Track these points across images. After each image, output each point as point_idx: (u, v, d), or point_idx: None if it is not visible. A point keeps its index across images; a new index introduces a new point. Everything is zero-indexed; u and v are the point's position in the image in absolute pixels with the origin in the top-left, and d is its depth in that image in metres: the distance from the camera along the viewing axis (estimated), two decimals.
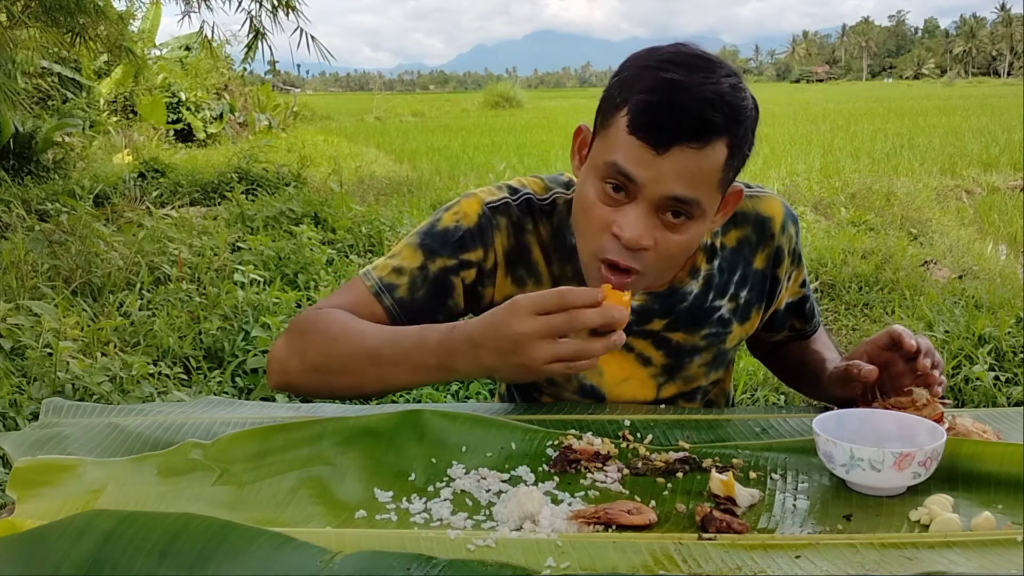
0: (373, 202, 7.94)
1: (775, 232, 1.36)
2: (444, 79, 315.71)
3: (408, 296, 1.28)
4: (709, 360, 1.41)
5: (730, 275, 1.36)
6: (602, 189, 1.15)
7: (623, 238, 1.14)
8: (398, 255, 1.31)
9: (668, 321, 1.35)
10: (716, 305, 1.36)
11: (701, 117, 1.09)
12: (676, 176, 1.11)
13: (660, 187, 1.11)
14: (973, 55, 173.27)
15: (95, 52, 8.63)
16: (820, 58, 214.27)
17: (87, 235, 5.49)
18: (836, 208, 8.04)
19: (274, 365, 1.25)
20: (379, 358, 1.16)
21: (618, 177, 1.13)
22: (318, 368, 1.21)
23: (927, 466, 1.00)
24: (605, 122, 1.17)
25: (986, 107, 23.48)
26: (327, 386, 1.22)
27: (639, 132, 1.11)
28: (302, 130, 19.68)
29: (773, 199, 1.38)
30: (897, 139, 14.54)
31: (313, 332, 1.22)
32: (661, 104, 1.10)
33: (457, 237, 1.30)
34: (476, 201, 1.32)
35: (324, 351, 1.20)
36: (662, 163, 1.10)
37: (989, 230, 7.70)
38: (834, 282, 5.47)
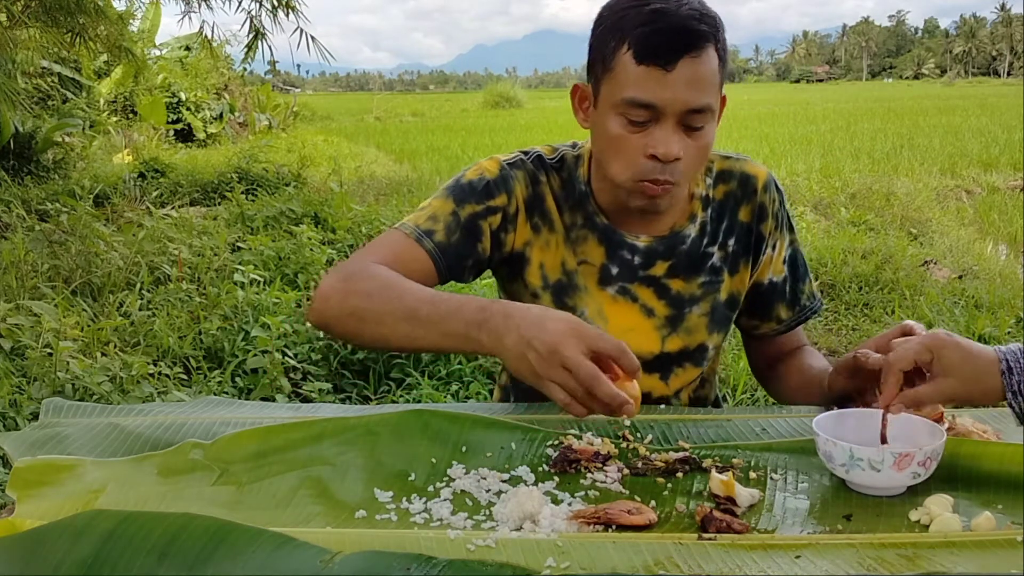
0: (373, 202, 7.94)
1: (757, 188, 1.47)
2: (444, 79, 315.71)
3: (445, 240, 1.37)
4: (708, 311, 1.46)
5: (719, 223, 1.46)
6: (625, 122, 1.28)
7: (660, 154, 1.26)
8: (428, 207, 1.41)
9: (669, 265, 1.44)
10: (709, 251, 1.46)
11: (693, 30, 1.24)
12: (687, 86, 1.24)
13: (677, 102, 1.24)
14: (973, 55, 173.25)
15: (95, 52, 8.63)
16: (820, 58, 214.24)
17: (87, 235, 5.48)
18: (836, 208, 8.04)
19: (318, 302, 1.29)
20: (414, 316, 1.20)
21: (638, 107, 1.25)
22: (355, 314, 1.25)
23: (927, 466, 1.01)
24: (607, 67, 1.29)
25: (986, 107, 23.48)
26: (358, 333, 1.27)
27: (647, 58, 1.24)
28: (302, 130, 19.67)
29: (759, 166, 1.50)
30: (897, 139, 14.54)
31: (360, 279, 1.27)
32: (659, 29, 1.24)
33: (483, 186, 1.41)
34: (494, 161, 1.45)
35: (365, 299, 1.24)
36: (673, 79, 1.23)
37: (989, 230, 7.70)
38: (834, 282, 5.47)
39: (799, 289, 1.52)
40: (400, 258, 1.33)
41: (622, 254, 1.43)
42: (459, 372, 3.70)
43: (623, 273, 1.43)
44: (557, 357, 1.06)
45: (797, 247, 1.53)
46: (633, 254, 1.43)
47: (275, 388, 3.43)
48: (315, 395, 3.47)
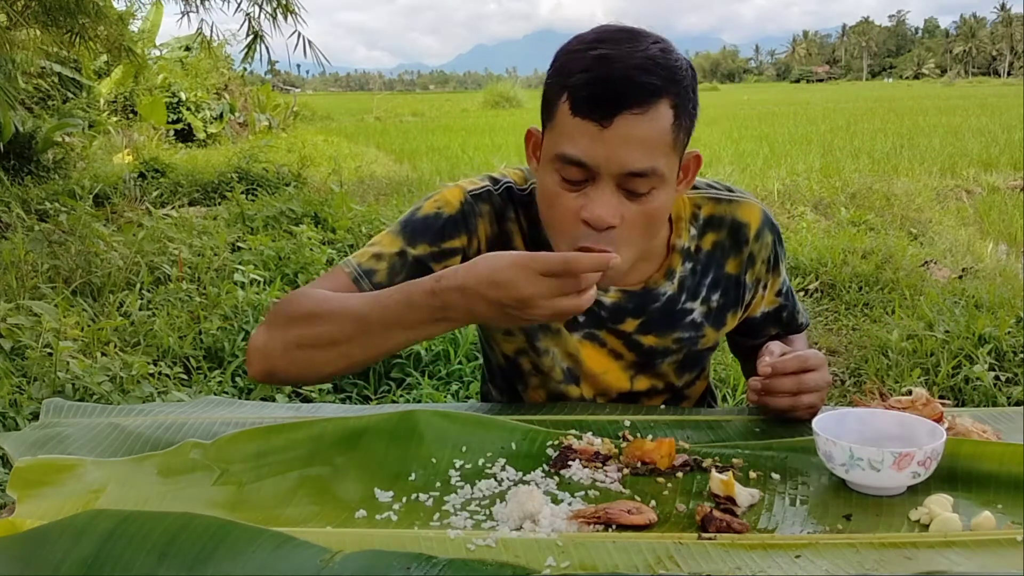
0: (373, 202, 7.93)
1: (749, 238, 1.37)
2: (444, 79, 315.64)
3: (387, 281, 1.26)
4: (680, 360, 1.42)
5: (703, 277, 1.37)
6: (560, 180, 1.17)
7: (591, 220, 1.15)
8: (378, 243, 1.31)
9: (641, 322, 1.36)
10: (688, 308, 1.37)
11: (638, 82, 1.11)
12: (626, 145, 1.12)
13: (614, 163, 1.13)
14: (973, 55, 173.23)
15: (95, 52, 8.63)
16: (820, 58, 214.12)
17: (87, 235, 5.48)
18: (836, 208, 8.04)
19: (254, 353, 1.21)
20: (367, 323, 1.13)
21: (571, 165, 1.14)
22: (302, 344, 1.17)
23: (926, 466, 1.01)
24: (549, 116, 1.18)
25: (986, 107, 23.47)
26: (312, 364, 1.18)
27: (581, 111, 1.12)
28: (302, 130, 19.67)
29: (753, 206, 1.39)
30: (897, 139, 14.53)
31: (292, 311, 1.20)
32: (596, 79, 1.12)
33: (439, 225, 1.30)
34: (458, 190, 1.33)
35: (307, 327, 1.17)
36: (610, 136, 1.11)
37: (989, 230, 7.69)
38: (834, 282, 5.47)
39: (794, 316, 1.50)
40: None
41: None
42: (459, 372, 3.69)
43: (590, 321, 1.36)
44: (528, 301, 1.04)
45: (787, 278, 1.48)
46: (600, 308, 1.35)
47: (275, 388, 3.43)
48: (315, 395, 3.47)
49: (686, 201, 1.35)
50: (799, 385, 1.22)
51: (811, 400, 1.22)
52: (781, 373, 1.22)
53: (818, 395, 1.23)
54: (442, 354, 3.77)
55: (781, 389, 1.22)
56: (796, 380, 1.22)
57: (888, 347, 4.14)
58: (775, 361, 1.23)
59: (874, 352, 4.20)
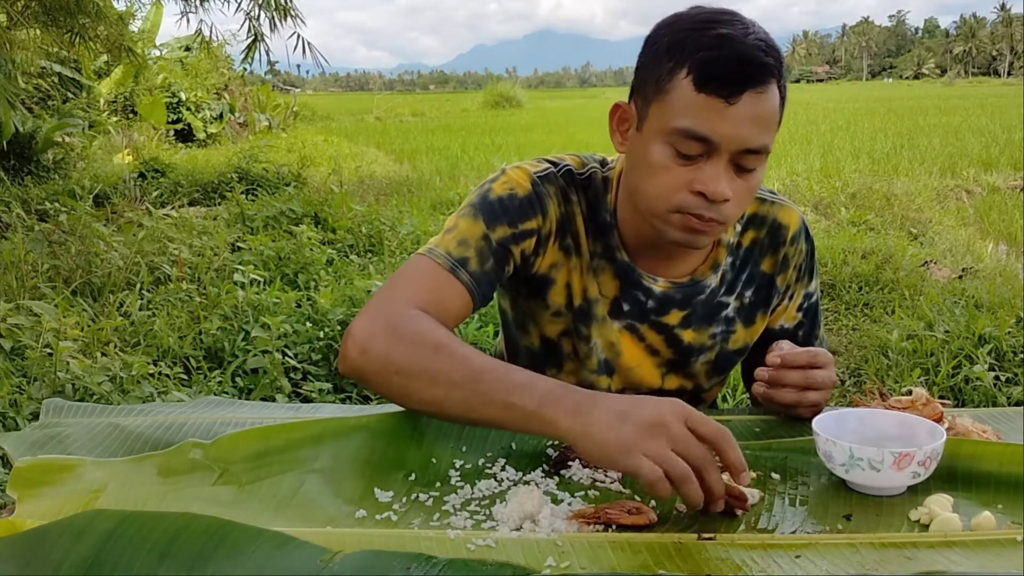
0: (373, 202, 7.94)
1: (786, 239, 1.41)
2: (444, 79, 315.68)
3: (479, 268, 1.25)
4: (712, 359, 1.42)
5: (740, 273, 1.40)
6: (673, 153, 1.18)
7: (709, 193, 1.16)
8: (456, 228, 1.27)
9: (685, 315, 1.37)
10: (724, 301, 1.39)
11: (760, 62, 1.14)
12: (749, 123, 1.15)
13: (736, 139, 1.15)
14: (973, 55, 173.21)
15: (95, 52, 8.63)
16: (820, 58, 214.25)
17: (87, 235, 5.48)
18: (836, 208, 8.04)
19: (355, 352, 1.15)
20: (477, 381, 1.06)
21: (691, 139, 1.16)
22: (403, 372, 1.12)
23: (926, 466, 1.01)
24: (661, 89, 1.18)
25: (986, 107, 23.49)
26: (404, 392, 1.13)
27: (708, 87, 1.14)
28: (302, 130, 19.68)
29: (793, 211, 1.42)
30: (897, 139, 14.54)
31: (408, 331, 1.14)
32: (725, 57, 1.14)
33: (515, 206, 1.29)
34: (523, 172, 1.32)
35: (417, 356, 1.11)
36: (735, 113, 1.14)
37: (989, 230, 7.70)
38: (834, 282, 5.47)
39: (812, 335, 1.47)
40: (439, 295, 1.21)
41: (636, 294, 1.36)
42: None
43: (633, 312, 1.37)
44: (662, 431, 0.93)
45: (817, 295, 1.47)
46: (648, 297, 1.36)
47: (275, 388, 3.43)
48: (315, 395, 3.47)
49: None
50: (807, 380, 1.22)
51: (816, 398, 1.22)
52: (790, 366, 1.22)
53: (823, 393, 1.23)
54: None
55: (788, 382, 1.22)
56: (804, 375, 1.22)
57: (888, 347, 4.15)
58: (785, 353, 1.24)
59: (874, 352, 4.20)
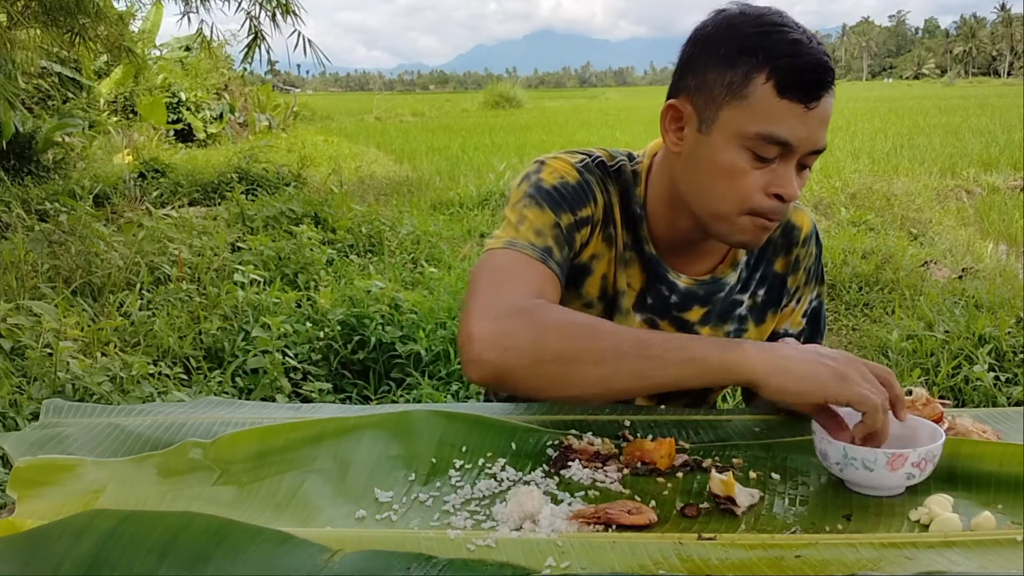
0: (373, 202, 7.94)
1: (799, 241, 1.43)
2: (444, 79, 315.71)
3: (561, 256, 1.24)
4: None
5: (753, 271, 1.42)
6: (751, 156, 1.19)
7: (786, 196, 1.19)
8: (526, 220, 1.25)
9: (705, 312, 1.40)
10: (739, 299, 1.42)
11: (830, 67, 1.18)
12: (821, 125, 1.18)
13: (811, 142, 1.18)
14: (973, 55, 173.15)
15: (95, 52, 8.63)
16: None
17: (87, 235, 5.49)
18: (836, 208, 8.04)
19: (489, 354, 1.10)
20: (647, 348, 1.06)
21: (773, 144, 1.17)
22: (561, 358, 1.07)
23: (922, 467, 1.00)
24: (736, 93, 1.18)
25: (986, 107, 23.48)
26: (566, 379, 1.08)
27: (790, 93, 1.16)
28: (302, 130, 19.68)
29: (806, 214, 1.45)
30: (897, 139, 14.54)
31: (551, 321, 1.11)
32: (804, 64, 1.16)
33: (571, 194, 1.29)
34: (564, 162, 1.32)
35: (573, 341, 1.08)
36: (812, 117, 1.17)
37: (989, 230, 7.69)
38: (834, 282, 5.47)
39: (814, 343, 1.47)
40: (540, 285, 1.19)
41: (660, 288, 1.37)
42: (459, 372, 3.69)
43: (656, 306, 1.38)
44: (857, 367, 1.03)
45: (822, 300, 1.48)
46: (672, 292, 1.38)
47: (275, 388, 3.43)
48: (315, 395, 3.47)
49: None
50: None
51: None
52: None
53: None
54: (442, 354, 3.77)
55: None
56: None
57: (888, 347, 4.15)
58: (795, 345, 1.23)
59: (874, 352, 4.21)
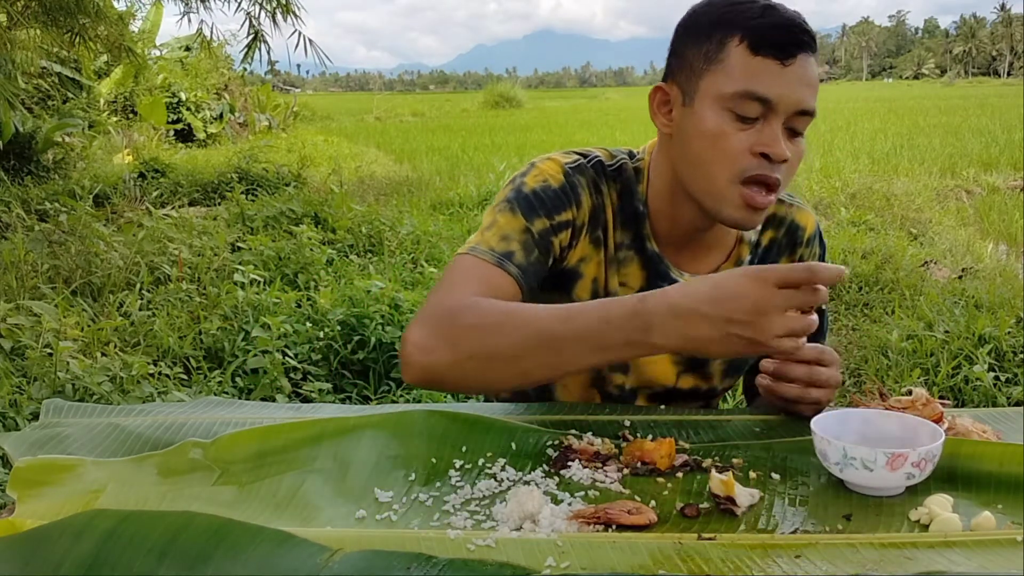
0: (373, 202, 7.94)
1: (803, 241, 1.43)
2: (444, 79, 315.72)
3: (525, 260, 1.25)
4: (729, 361, 1.43)
5: None
6: (732, 118, 1.20)
7: (772, 154, 1.19)
8: (496, 224, 1.27)
9: None
10: None
11: (806, 28, 1.21)
12: (802, 84, 1.19)
13: (792, 99, 1.19)
14: (973, 55, 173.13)
15: (95, 52, 8.63)
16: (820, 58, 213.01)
17: (87, 235, 5.49)
18: (836, 208, 8.04)
19: (418, 355, 1.13)
20: (555, 340, 1.08)
21: (751, 101, 1.19)
22: (476, 356, 1.11)
23: (922, 467, 1.00)
24: (712, 59, 1.21)
25: (986, 107, 23.47)
26: (484, 376, 1.13)
27: (763, 50, 1.18)
28: (302, 130, 19.68)
29: (809, 214, 1.45)
30: (897, 139, 14.54)
31: (468, 320, 1.13)
32: (776, 23, 1.20)
33: (550, 198, 1.29)
34: (554, 163, 1.32)
35: (486, 338, 1.11)
36: (790, 73, 1.19)
37: (989, 230, 7.69)
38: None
39: (819, 342, 1.45)
40: (489, 285, 1.20)
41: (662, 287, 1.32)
42: None
43: None
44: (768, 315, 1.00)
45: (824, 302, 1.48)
46: None
47: (275, 388, 3.43)
48: (315, 395, 3.47)
49: None
50: (811, 376, 1.21)
51: (818, 395, 1.22)
52: (796, 359, 1.22)
53: (826, 392, 1.23)
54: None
55: (793, 376, 1.22)
56: (809, 370, 1.22)
57: (888, 347, 4.15)
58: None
59: (874, 352, 4.21)
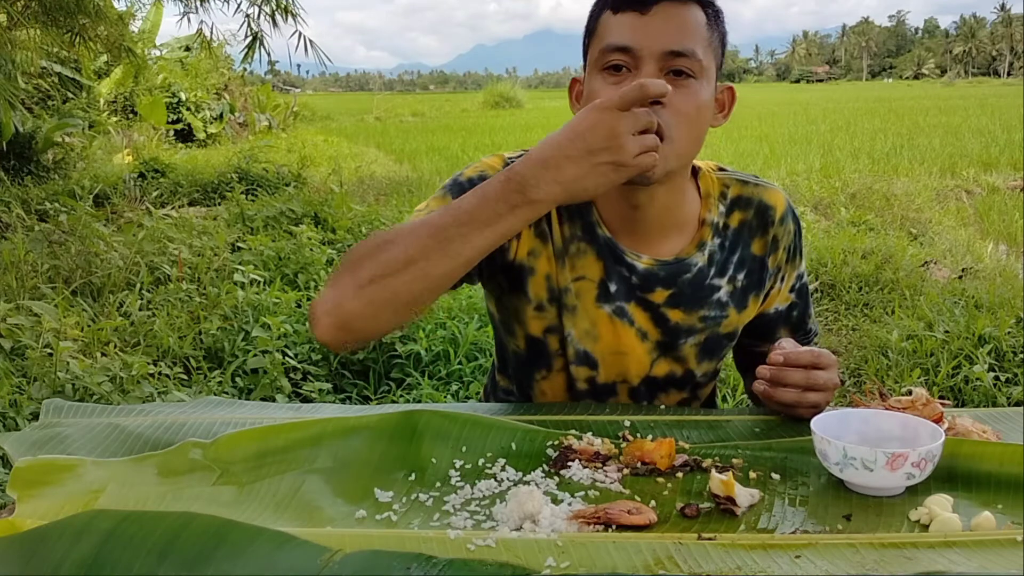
0: (373, 202, 7.94)
1: (774, 220, 1.41)
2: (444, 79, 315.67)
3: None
4: (702, 343, 1.41)
5: (730, 255, 1.40)
6: (604, 76, 1.23)
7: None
8: (425, 208, 1.28)
9: (671, 294, 1.37)
10: (716, 284, 1.39)
11: None
12: (666, 26, 1.20)
13: (655, 42, 1.20)
14: (973, 55, 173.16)
15: (95, 52, 8.63)
16: (820, 58, 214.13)
17: (87, 235, 5.48)
18: (836, 208, 8.04)
19: (320, 308, 1.14)
20: (442, 232, 1.10)
21: (614, 54, 1.21)
22: (376, 277, 1.11)
23: (922, 468, 1.00)
24: (592, 34, 1.27)
25: (986, 107, 23.48)
26: (391, 295, 1.11)
27: (621, 6, 1.22)
28: (302, 130, 19.67)
29: (778, 192, 1.44)
30: (897, 139, 14.54)
31: (360, 249, 1.15)
32: None
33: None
34: (497, 157, 1.36)
35: (379, 254, 1.12)
36: (650, 21, 1.20)
37: (989, 230, 7.69)
38: (834, 282, 5.47)
39: (806, 316, 1.49)
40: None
41: (620, 271, 1.36)
42: (459, 372, 3.70)
43: (620, 292, 1.36)
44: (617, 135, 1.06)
45: (804, 275, 1.49)
46: (632, 274, 1.36)
47: (275, 388, 3.43)
48: (315, 395, 3.47)
49: (715, 180, 1.40)
50: (808, 380, 1.22)
51: (816, 399, 1.22)
52: (793, 364, 1.22)
53: (824, 395, 1.23)
54: (442, 354, 3.78)
55: (790, 381, 1.22)
56: (806, 375, 1.22)
57: (888, 347, 4.15)
58: (788, 352, 1.24)
59: (874, 352, 4.21)
